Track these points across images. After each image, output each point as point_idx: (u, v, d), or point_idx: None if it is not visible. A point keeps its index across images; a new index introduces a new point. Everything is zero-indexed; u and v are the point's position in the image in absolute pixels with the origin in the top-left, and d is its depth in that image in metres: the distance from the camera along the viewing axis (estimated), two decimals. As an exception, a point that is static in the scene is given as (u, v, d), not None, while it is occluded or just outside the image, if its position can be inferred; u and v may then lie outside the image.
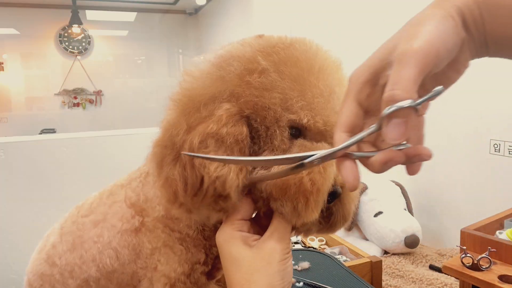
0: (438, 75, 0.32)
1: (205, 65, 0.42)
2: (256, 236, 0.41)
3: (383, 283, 1.39)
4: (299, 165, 0.34)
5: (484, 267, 0.97)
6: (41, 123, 4.39)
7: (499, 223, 1.20)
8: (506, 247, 1.00)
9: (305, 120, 0.39)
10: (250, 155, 0.40)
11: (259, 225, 0.43)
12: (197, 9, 4.88)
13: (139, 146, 1.89)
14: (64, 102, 4.56)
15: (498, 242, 1.02)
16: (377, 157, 0.31)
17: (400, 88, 0.28)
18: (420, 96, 0.29)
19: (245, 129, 0.39)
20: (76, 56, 4.57)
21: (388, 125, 0.29)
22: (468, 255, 1.00)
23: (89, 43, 4.63)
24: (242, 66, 0.39)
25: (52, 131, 4.32)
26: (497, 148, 1.58)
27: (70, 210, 0.59)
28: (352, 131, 0.33)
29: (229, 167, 0.37)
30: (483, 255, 0.98)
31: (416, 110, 0.29)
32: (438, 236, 1.89)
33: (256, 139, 0.40)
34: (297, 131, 0.40)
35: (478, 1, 0.30)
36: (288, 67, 0.39)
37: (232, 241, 0.40)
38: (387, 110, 0.29)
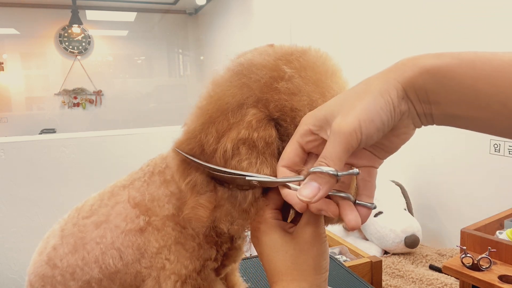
0: (380, 142, 0.37)
1: (226, 73, 0.44)
2: (290, 224, 0.44)
3: (383, 283, 1.39)
4: (243, 177, 0.41)
5: (484, 267, 0.98)
6: (41, 123, 4.39)
7: (499, 223, 1.20)
8: (506, 247, 1.00)
9: None
10: (280, 153, 0.43)
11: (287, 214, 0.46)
12: (197, 9, 4.88)
13: (139, 146, 1.89)
14: (64, 102, 4.56)
15: (498, 242, 1.02)
16: (314, 205, 0.36)
17: (327, 163, 0.34)
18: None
19: (274, 132, 0.42)
20: (76, 56, 4.58)
21: (306, 184, 0.35)
22: (468, 255, 1.00)
23: (89, 43, 4.63)
24: (268, 74, 0.42)
25: (52, 131, 4.32)
26: (497, 148, 1.58)
27: (69, 212, 0.58)
28: (292, 167, 0.39)
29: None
30: (483, 255, 0.98)
31: (337, 180, 0.34)
32: (438, 236, 1.90)
33: (285, 137, 0.43)
34: None
35: (423, 73, 0.33)
36: (308, 72, 0.42)
37: (272, 229, 0.43)
38: (313, 169, 0.34)
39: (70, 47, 4.54)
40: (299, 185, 0.37)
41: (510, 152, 1.54)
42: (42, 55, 4.50)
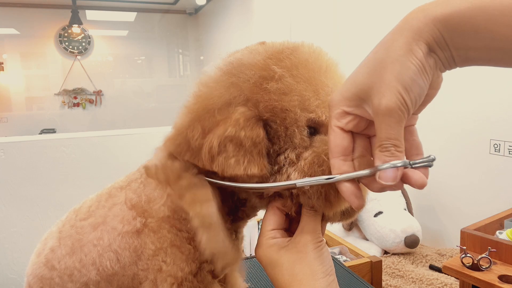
0: None
1: (215, 73, 0.44)
2: (289, 238, 0.44)
3: (383, 283, 1.39)
4: (294, 186, 0.40)
5: (484, 267, 0.97)
6: (41, 123, 4.39)
7: (499, 223, 1.20)
8: (506, 247, 1.00)
9: (323, 117, 0.41)
10: (270, 155, 0.42)
11: (295, 226, 0.45)
12: (197, 9, 4.88)
13: (139, 146, 1.89)
14: (64, 102, 4.56)
15: (498, 242, 1.02)
16: (375, 186, 0.35)
17: (392, 145, 0.33)
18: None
19: (262, 132, 0.41)
20: (76, 56, 4.57)
21: (381, 177, 0.34)
22: (468, 255, 1.00)
23: (89, 43, 4.63)
24: (257, 74, 0.41)
25: (52, 131, 4.32)
26: (497, 148, 1.58)
27: (67, 214, 0.58)
28: (345, 153, 0.37)
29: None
30: (483, 255, 0.98)
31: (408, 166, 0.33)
32: (438, 236, 1.89)
33: (276, 140, 0.42)
34: (313, 128, 0.43)
35: (437, 24, 0.32)
36: (300, 70, 0.41)
37: (269, 249, 0.43)
38: (381, 166, 0.33)
39: (70, 47, 4.53)
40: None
41: (510, 152, 1.54)
42: (42, 55, 4.50)
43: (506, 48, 0.31)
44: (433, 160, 0.35)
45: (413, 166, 0.34)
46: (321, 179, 0.38)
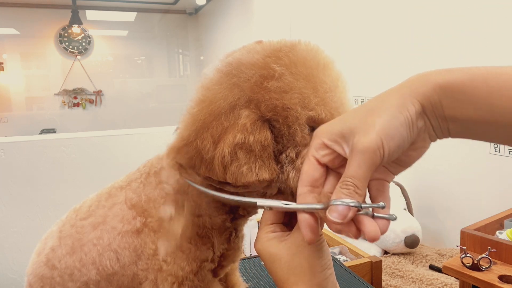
0: (397, 157, 0.36)
1: (215, 75, 0.43)
2: (288, 232, 0.44)
3: (383, 283, 1.39)
4: (254, 204, 0.41)
5: (484, 267, 0.98)
6: (41, 123, 4.39)
7: (499, 223, 1.20)
8: (506, 247, 1.00)
9: (322, 115, 0.41)
10: (275, 155, 0.42)
11: (294, 221, 0.46)
12: (197, 9, 4.89)
13: (139, 146, 1.88)
14: (64, 102, 4.56)
15: (498, 242, 1.02)
16: (333, 227, 0.35)
17: (352, 184, 0.33)
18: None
19: (269, 134, 0.41)
20: (76, 56, 4.58)
21: (331, 211, 0.34)
22: (468, 255, 1.00)
23: (89, 43, 4.63)
24: (257, 73, 0.41)
25: (52, 131, 4.32)
26: (497, 148, 1.58)
27: (67, 213, 0.58)
28: (313, 185, 0.38)
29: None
30: (483, 255, 0.98)
31: (360, 209, 0.34)
32: (438, 236, 1.89)
33: (279, 139, 0.42)
34: (313, 126, 0.42)
35: (436, 89, 0.33)
36: (299, 68, 0.41)
37: (268, 242, 0.43)
38: (334, 202, 0.34)
39: (70, 47, 4.54)
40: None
41: (510, 152, 1.54)
42: (42, 55, 4.50)
43: (504, 123, 0.31)
44: (394, 218, 0.36)
45: (374, 215, 0.34)
46: (280, 203, 0.39)
